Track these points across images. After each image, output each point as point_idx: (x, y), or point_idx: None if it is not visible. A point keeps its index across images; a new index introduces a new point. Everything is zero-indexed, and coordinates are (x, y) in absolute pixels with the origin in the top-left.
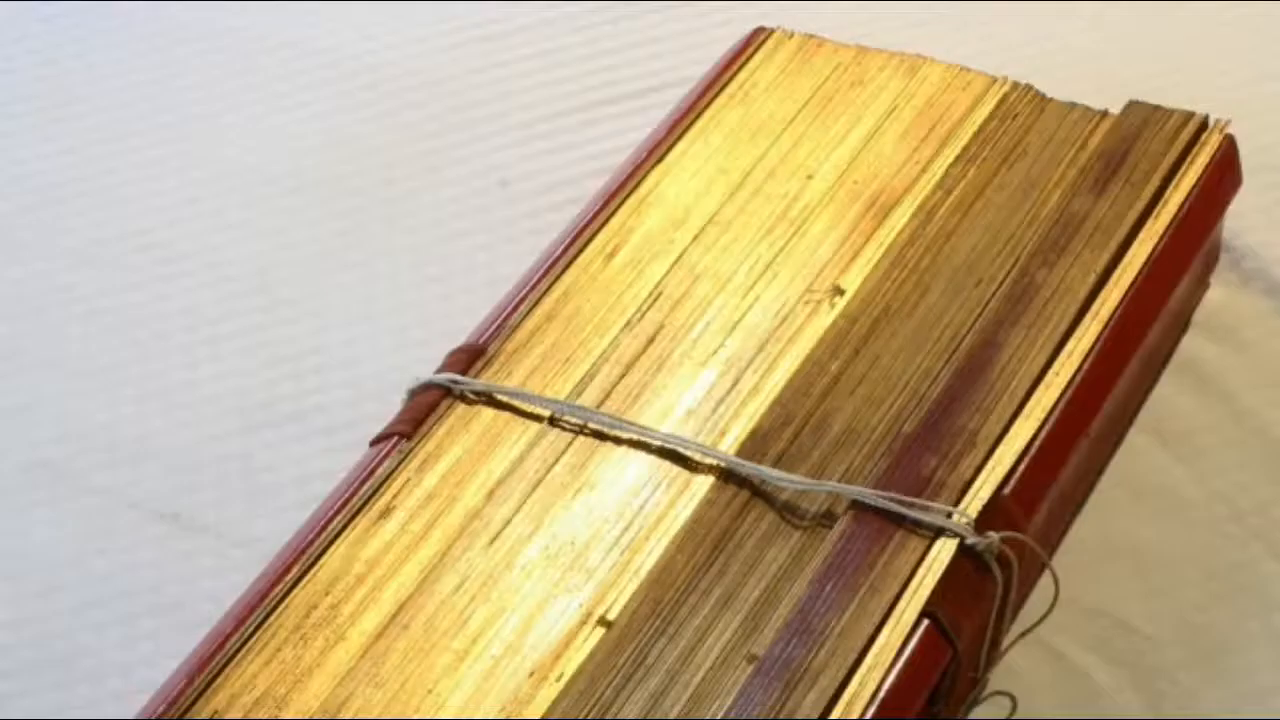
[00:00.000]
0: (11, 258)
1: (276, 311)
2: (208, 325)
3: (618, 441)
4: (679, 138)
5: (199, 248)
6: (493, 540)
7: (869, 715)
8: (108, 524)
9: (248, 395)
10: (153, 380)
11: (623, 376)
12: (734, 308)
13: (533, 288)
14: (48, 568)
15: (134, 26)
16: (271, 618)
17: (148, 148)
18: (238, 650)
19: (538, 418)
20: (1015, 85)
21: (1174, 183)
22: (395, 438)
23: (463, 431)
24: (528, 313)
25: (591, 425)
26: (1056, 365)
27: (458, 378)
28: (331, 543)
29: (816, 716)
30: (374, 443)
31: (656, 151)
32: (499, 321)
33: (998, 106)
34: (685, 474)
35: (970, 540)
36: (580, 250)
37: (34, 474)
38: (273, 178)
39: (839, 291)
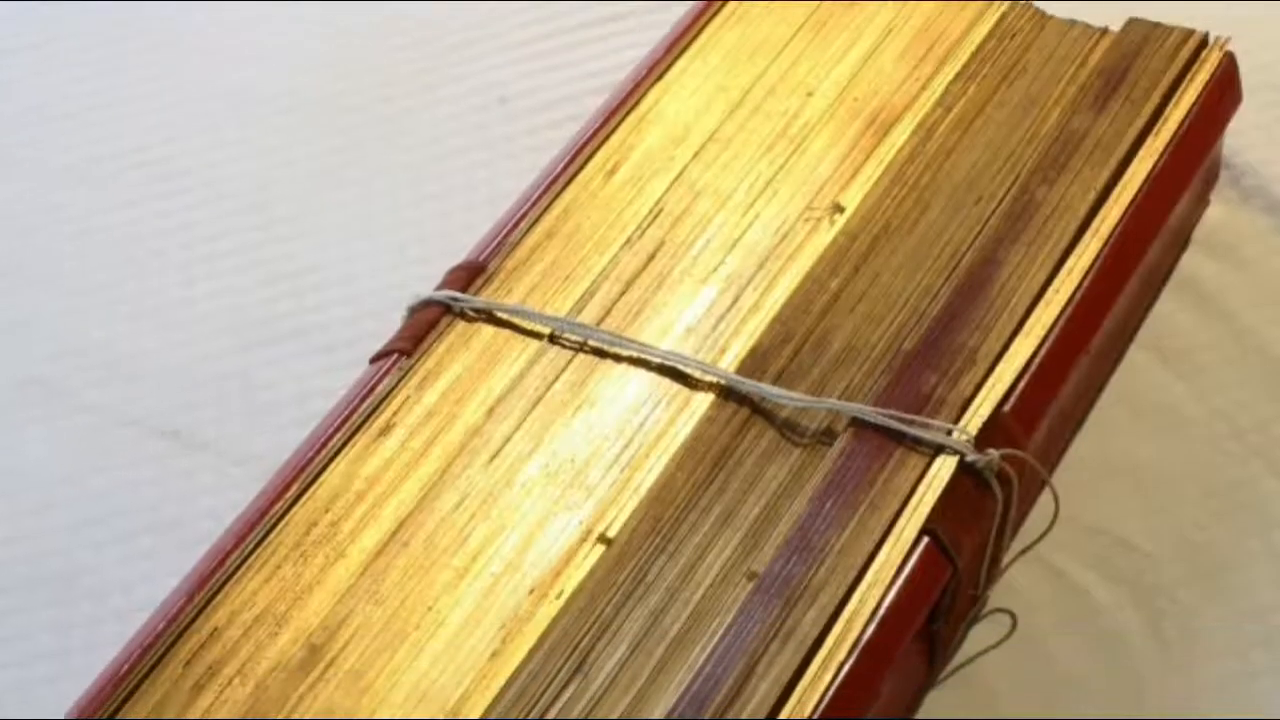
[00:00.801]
0: (7, 175)
1: (274, 229)
2: (205, 243)
3: (618, 359)
4: (678, 56)
5: (196, 166)
6: (493, 458)
7: (869, 632)
8: (106, 442)
9: (246, 313)
10: (150, 298)
11: (623, 294)
12: (734, 225)
13: (532, 205)
14: (45, 485)
15: None
16: (271, 535)
17: (145, 66)
18: (238, 567)
19: (538, 335)
20: (1014, 3)
21: (1174, 100)
22: (395, 355)
23: (463, 349)
24: (528, 230)
25: (591, 342)
26: (1056, 283)
27: (458, 295)
28: (331, 460)
29: (817, 633)
30: (374, 360)
31: (656, 69)
32: (499, 239)
33: (997, 24)
34: (685, 391)
35: (970, 457)
36: (580, 168)
37: (31, 391)
38: (270, 97)
39: (839, 209)
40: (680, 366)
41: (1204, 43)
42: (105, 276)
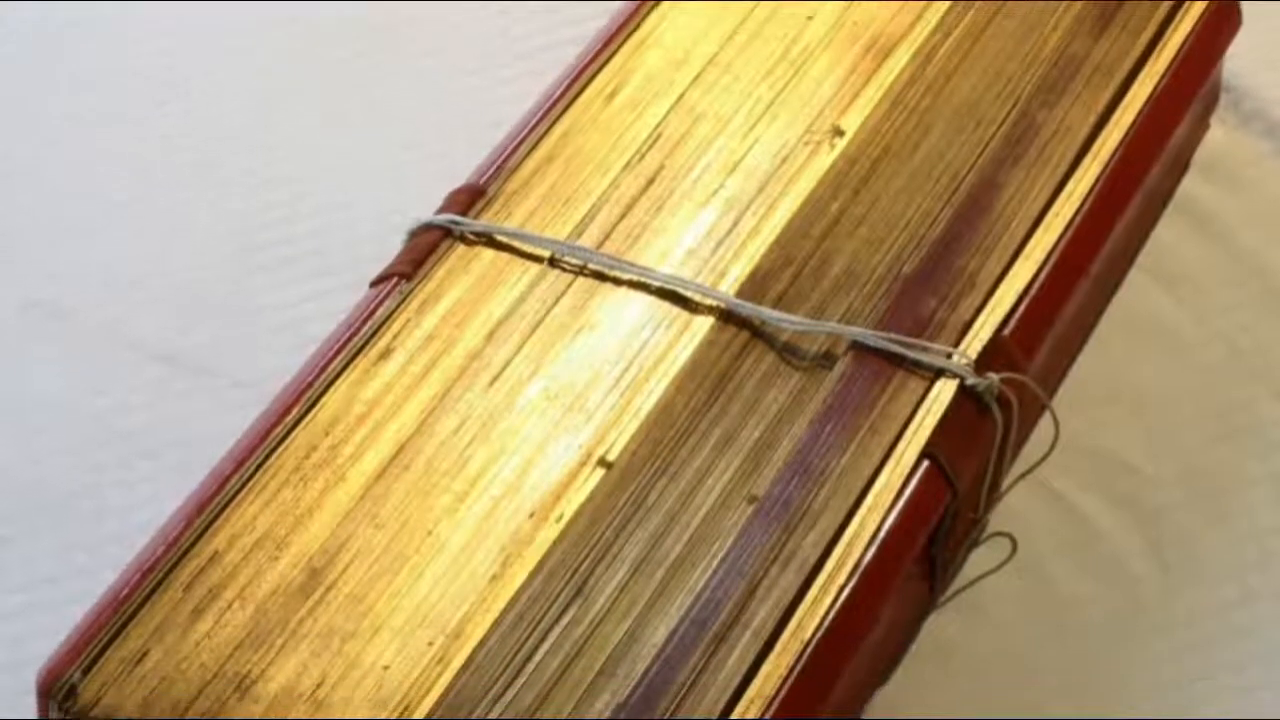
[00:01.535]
0: (6, 100)
1: (275, 153)
2: (206, 168)
3: (618, 282)
4: None
5: (197, 89)
6: (493, 381)
7: (869, 556)
8: (106, 365)
9: (246, 237)
10: (150, 222)
11: (623, 217)
12: (734, 149)
13: (532, 129)
14: (46, 409)
15: None
16: (271, 459)
17: None
18: (237, 491)
19: (538, 258)
20: None
21: (1173, 24)
22: (395, 279)
23: (463, 272)
24: (528, 154)
25: (591, 266)
26: (1056, 206)
27: (458, 218)
28: (331, 384)
29: (817, 557)
30: (374, 284)
31: None
32: (499, 162)
33: None
34: (685, 315)
35: (970, 381)
36: (580, 91)
37: (31, 315)
38: (272, 21)
39: (839, 132)
40: (680, 290)
41: None
42: (107, 202)
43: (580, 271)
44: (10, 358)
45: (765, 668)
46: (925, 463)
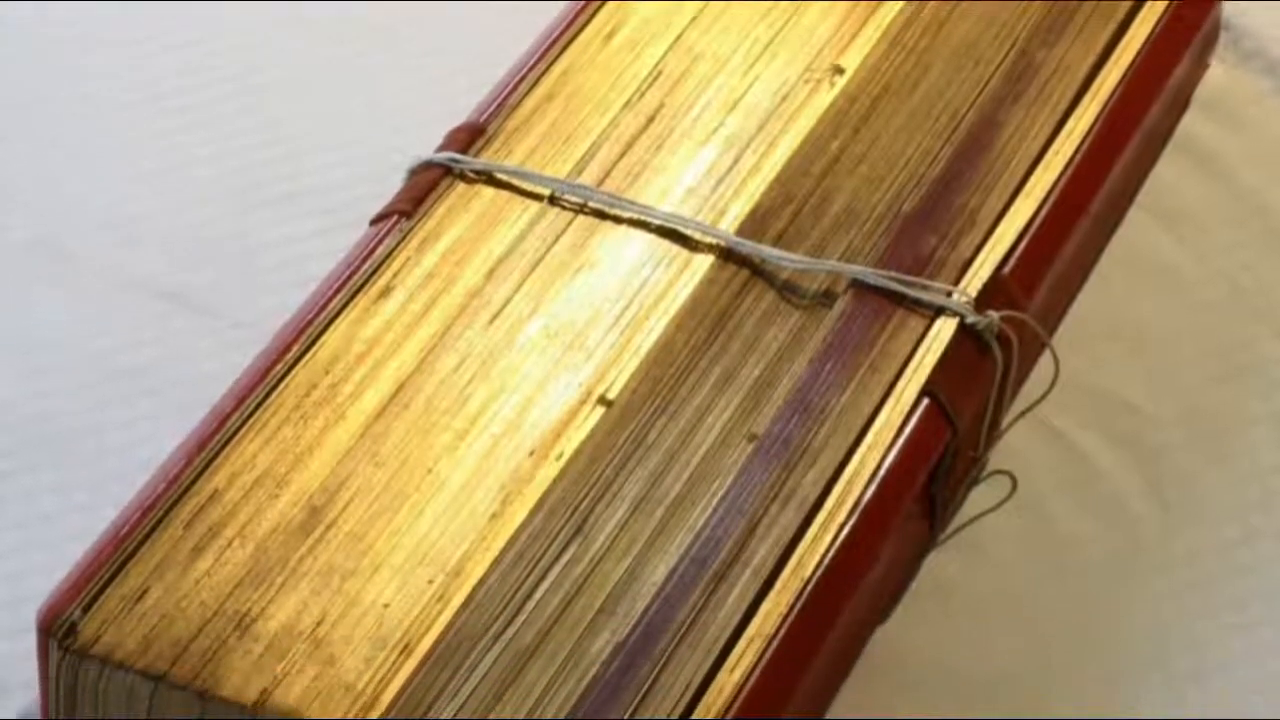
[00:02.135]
0: (5, 40)
1: (275, 90)
2: (206, 106)
3: (618, 220)
4: None
5: (196, 26)
6: (493, 319)
7: (868, 494)
8: (107, 304)
9: (247, 175)
10: (150, 160)
11: (623, 155)
12: (733, 87)
13: (532, 68)
14: (47, 348)
15: None
16: (271, 397)
17: None
18: (237, 429)
19: (538, 196)
20: None
21: None
22: (395, 217)
23: (463, 210)
24: (527, 92)
25: (591, 204)
26: (1056, 144)
27: (458, 156)
28: (331, 322)
29: (817, 495)
30: (374, 222)
31: None
32: (499, 101)
33: None
34: (685, 253)
35: (970, 319)
36: (579, 30)
37: (33, 254)
38: None
39: (838, 71)
40: (680, 228)
41: None
42: (108, 140)
43: (580, 210)
44: (13, 296)
45: (765, 606)
46: (925, 401)
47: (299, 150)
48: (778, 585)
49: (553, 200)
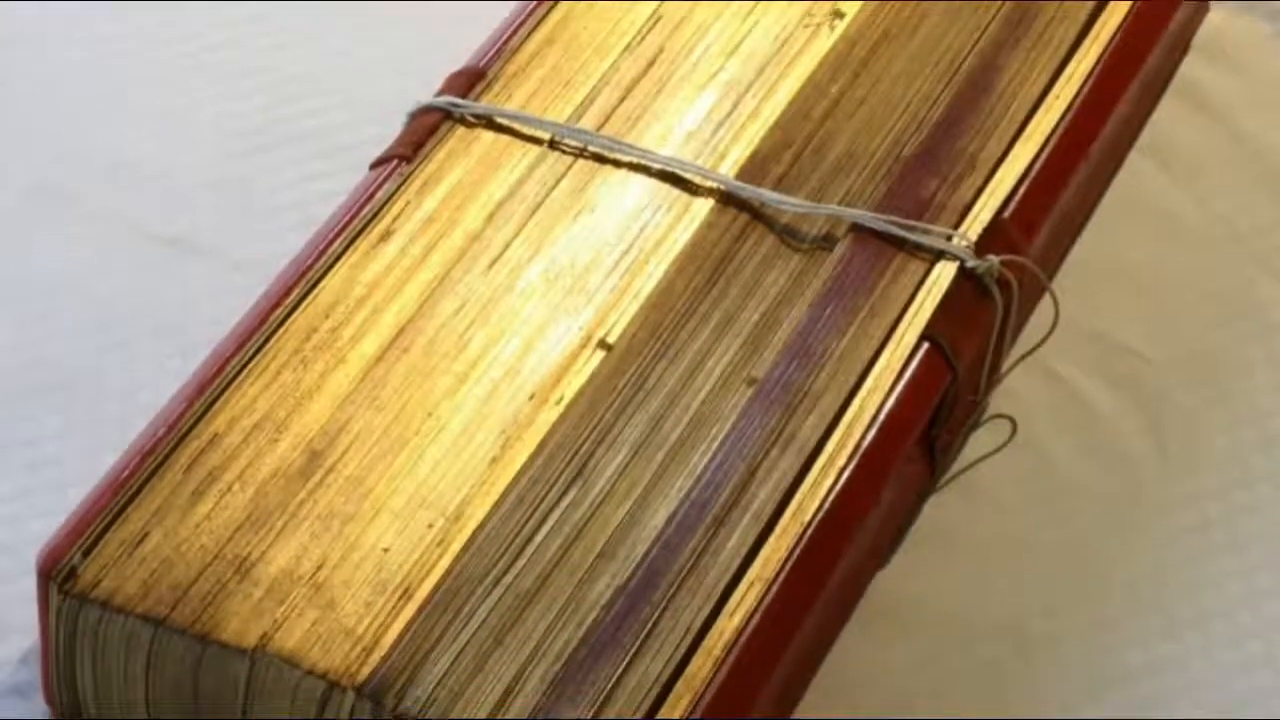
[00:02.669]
0: None
1: (275, 35)
2: (207, 50)
3: (618, 164)
4: None
5: None
6: (493, 263)
7: (869, 438)
8: (108, 248)
9: (247, 118)
10: (151, 104)
11: (622, 100)
12: (733, 31)
13: (531, 12)
14: (48, 292)
15: None
16: (271, 341)
17: None
18: (237, 373)
19: (538, 141)
20: None
21: None
22: (395, 161)
23: (463, 154)
24: (527, 36)
25: (592, 148)
26: (1056, 88)
27: (458, 100)
28: (331, 266)
29: (817, 439)
30: (374, 166)
31: None
32: (499, 44)
33: None
34: (685, 197)
35: (970, 263)
36: None
37: (34, 198)
38: None
39: (838, 15)
40: (680, 172)
41: None
42: (108, 84)
43: (580, 154)
44: (13, 240)
45: (765, 550)
46: (925, 345)
47: (300, 94)
48: (778, 529)
49: (553, 144)
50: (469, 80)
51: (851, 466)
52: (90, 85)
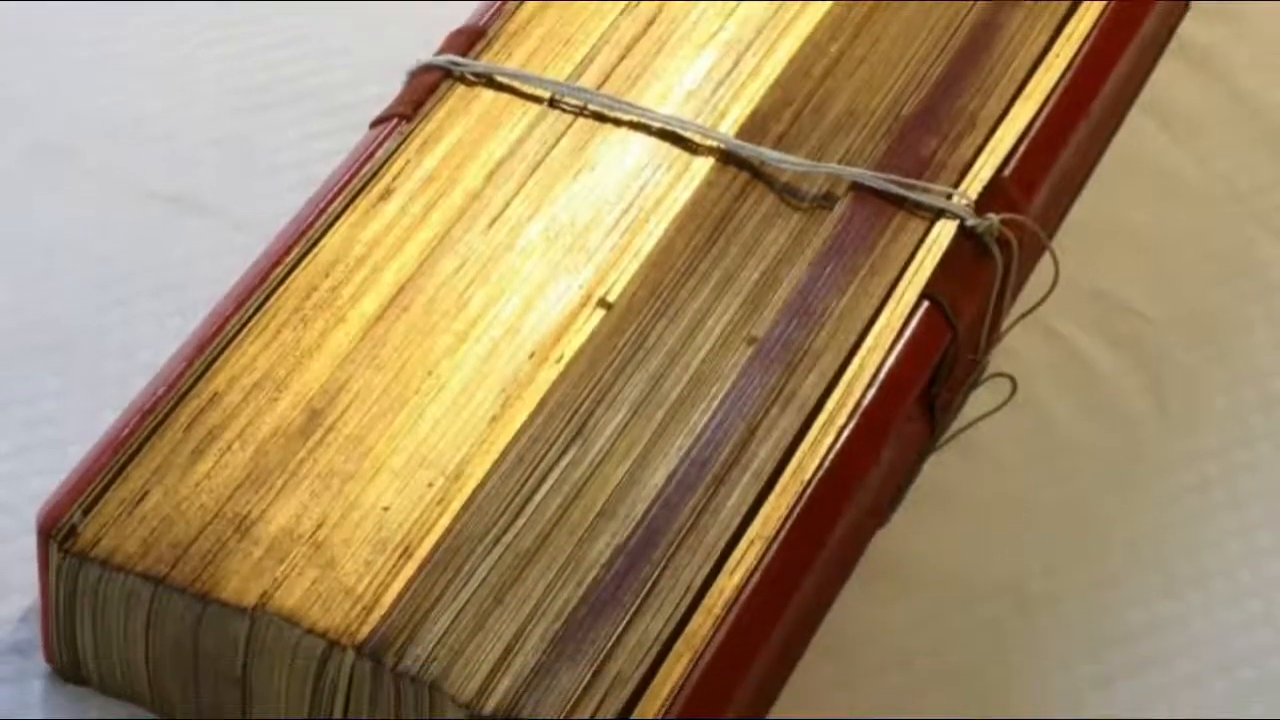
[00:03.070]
0: None
1: None
2: (208, 9)
3: (618, 123)
4: None
5: None
6: (493, 222)
7: (869, 397)
8: (108, 206)
9: (247, 77)
10: (151, 63)
11: (622, 58)
12: None
13: None
14: (48, 250)
15: None
16: (271, 300)
17: None
18: (237, 332)
19: (538, 99)
20: None
21: None
22: (395, 119)
23: (463, 113)
24: None
25: (591, 107)
26: (1057, 47)
27: (458, 59)
28: (331, 225)
29: (817, 398)
30: (374, 124)
31: None
32: (499, 3)
33: None
34: (685, 156)
35: (970, 222)
36: None
37: (35, 157)
38: None
39: None
40: (680, 131)
41: None
42: (108, 43)
43: (580, 112)
44: (13, 199)
45: (765, 509)
46: (925, 303)
47: (301, 53)
48: (778, 488)
49: (553, 103)
50: (469, 39)
51: (851, 425)
52: (90, 44)
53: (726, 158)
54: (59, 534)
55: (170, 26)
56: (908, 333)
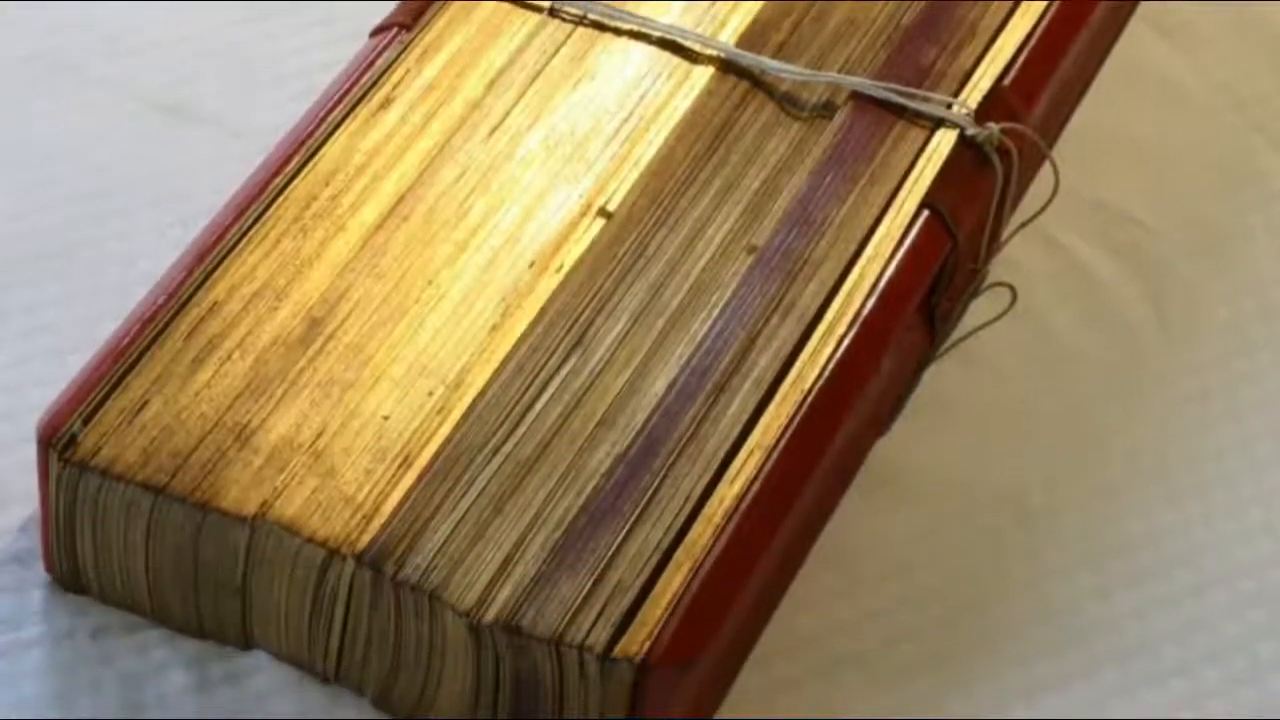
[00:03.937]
0: None
1: None
2: None
3: (618, 32)
4: None
5: None
6: (493, 131)
7: (869, 305)
8: (108, 115)
9: None
10: None
11: None
12: None
13: None
14: (47, 160)
15: None
16: (271, 209)
17: None
18: (237, 242)
19: (537, 8)
20: None
21: None
22: (395, 29)
23: (463, 22)
24: None
25: (591, 16)
26: None
27: None
28: (331, 134)
29: (817, 307)
30: (374, 34)
31: None
32: None
33: None
34: (685, 65)
35: (970, 131)
36: None
37: (33, 66)
38: None
39: None
40: (680, 39)
41: None
42: None
43: (580, 21)
44: (12, 109)
45: (765, 417)
46: (925, 213)
47: None
48: (778, 397)
49: (552, 12)
50: None
51: (851, 334)
52: None
53: (726, 67)
54: (59, 443)
55: None
56: (908, 242)
